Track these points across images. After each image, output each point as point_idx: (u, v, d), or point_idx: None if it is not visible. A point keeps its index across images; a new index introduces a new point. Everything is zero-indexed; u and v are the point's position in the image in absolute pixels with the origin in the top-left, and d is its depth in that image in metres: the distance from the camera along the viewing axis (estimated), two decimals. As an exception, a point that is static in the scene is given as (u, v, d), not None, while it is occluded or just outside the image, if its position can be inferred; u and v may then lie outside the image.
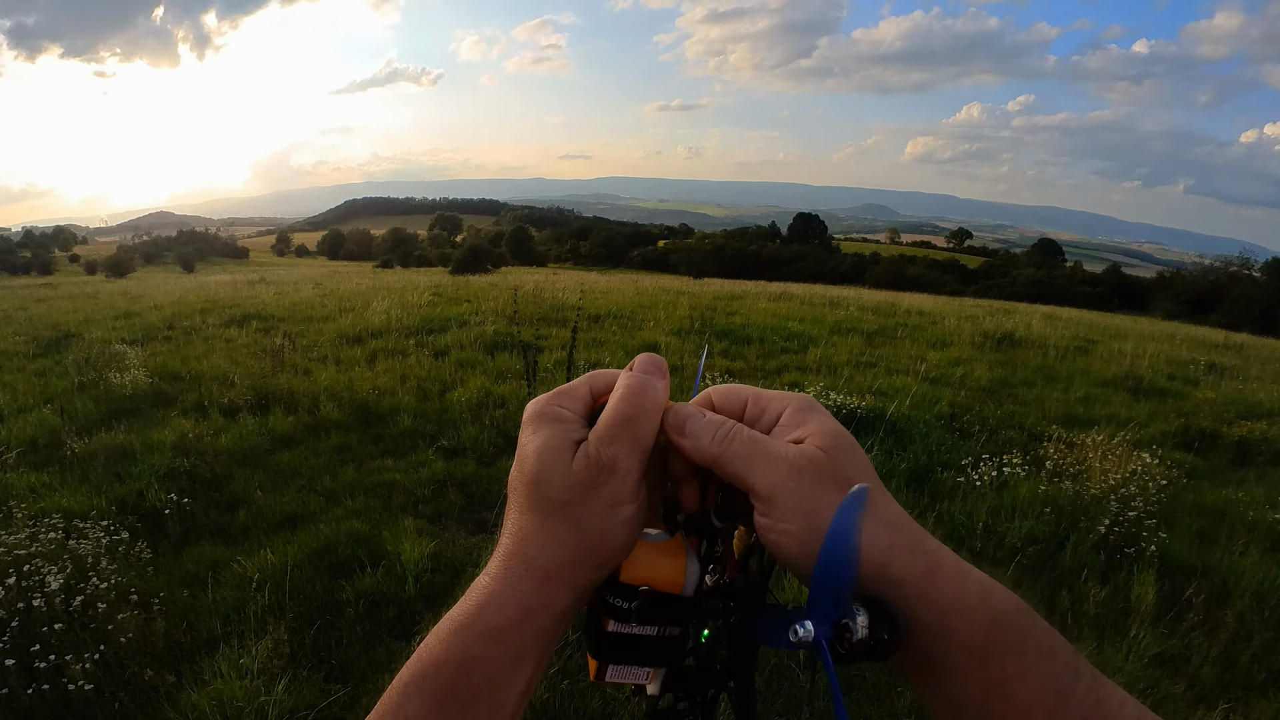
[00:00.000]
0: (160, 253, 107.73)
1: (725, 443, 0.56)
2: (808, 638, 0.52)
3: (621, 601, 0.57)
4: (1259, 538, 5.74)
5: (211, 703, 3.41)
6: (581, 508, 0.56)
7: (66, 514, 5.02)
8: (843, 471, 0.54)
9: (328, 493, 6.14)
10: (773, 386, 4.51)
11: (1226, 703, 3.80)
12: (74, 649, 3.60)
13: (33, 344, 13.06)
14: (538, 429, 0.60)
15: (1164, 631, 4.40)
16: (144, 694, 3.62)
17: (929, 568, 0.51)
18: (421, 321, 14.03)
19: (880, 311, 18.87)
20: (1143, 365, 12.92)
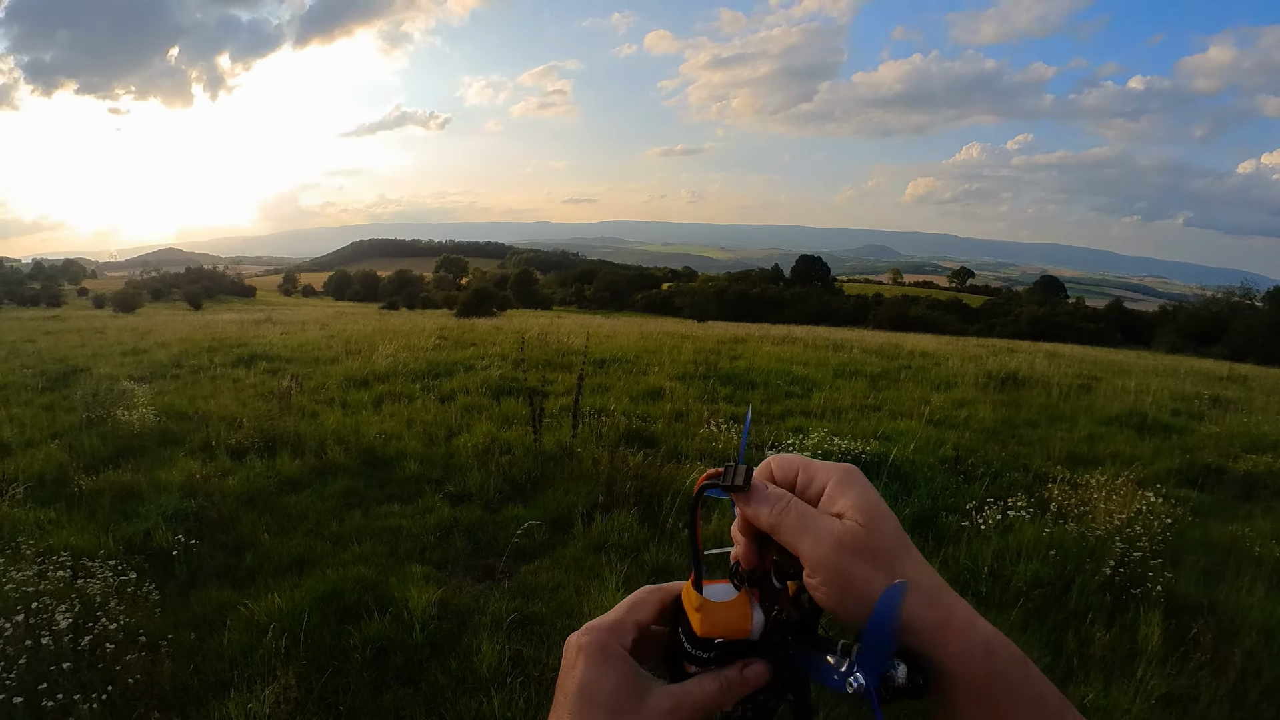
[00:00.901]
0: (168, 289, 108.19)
1: (781, 515, 0.64)
2: (860, 689, 0.62)
3: (702, 653, 0.66)
4: (1266, 573, 5.72)
5: (220, 748, 3.42)
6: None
7: (74, 552, 5.07)
8: (878, 544, 0.64)
9: (334, 537, 6.16)
10: (777, 431, 4.58)
11: (1236, 741, 3.78)
12: (81, 689, 3.61)
13: (40, 377, 13.15)
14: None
15: (1171, 671, 4.38)
16: (152, 737, 3.63)
17: (942, 620, 0.61)
18: (428, 365, 14.10)
19: (884, 354, 18.92)
20: (1146, 401, 12.91)
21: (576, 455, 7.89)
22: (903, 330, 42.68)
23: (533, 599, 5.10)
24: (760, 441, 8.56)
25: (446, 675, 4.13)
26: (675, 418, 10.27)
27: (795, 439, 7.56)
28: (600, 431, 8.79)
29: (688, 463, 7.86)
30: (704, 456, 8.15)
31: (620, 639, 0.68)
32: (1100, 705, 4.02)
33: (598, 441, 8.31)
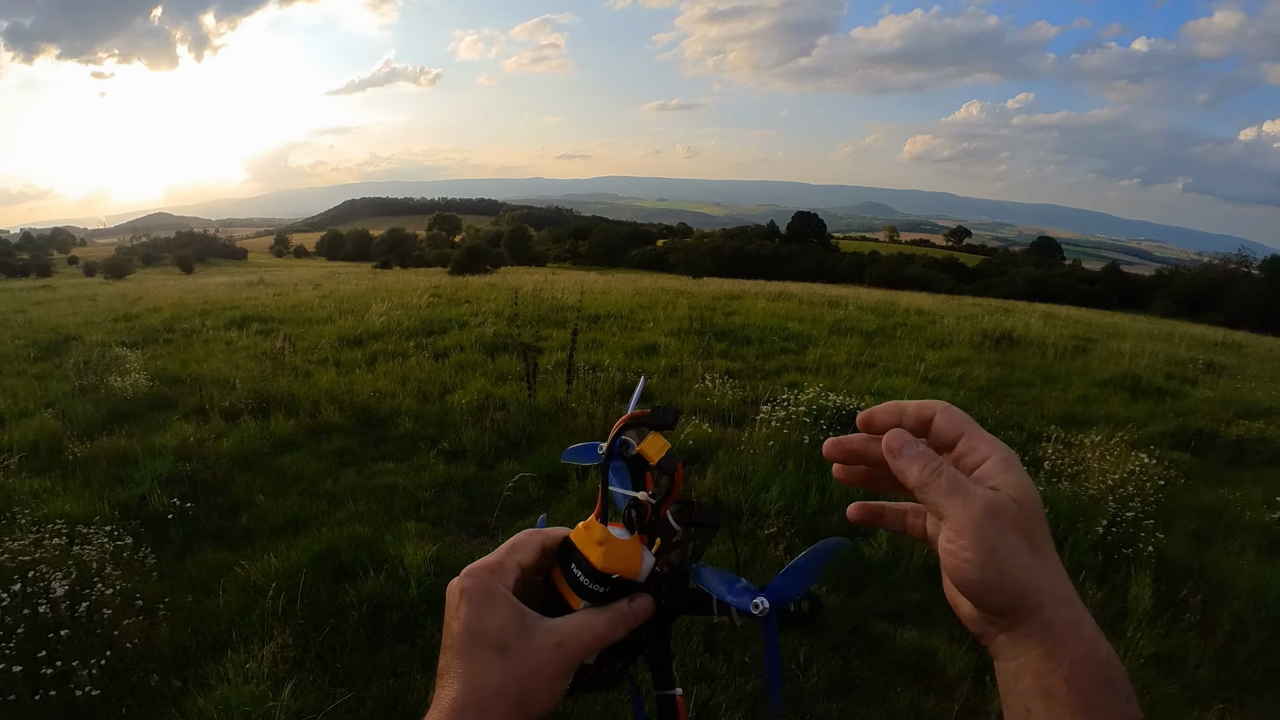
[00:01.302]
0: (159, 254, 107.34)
1: (933, 475, 0.65)
2: (764, 610, 0.71)
3: (599, 587, 0.69)
4: (1256, 538, 5.75)
5: (218, 708, 3.44)
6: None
7: (70, 519, 5.03)
8: (1027, 523, 0.63)
9: (329, 496, 6.17)
10: (773, 387, 4.54)
11: (1222, 703, 3.82)
12: (80, 655, 3.61)
13: (32, 347, 13.06)
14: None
15: (1160, 632, 4.42)
16: (150, 699, 3.64)
17: (1075, 622, 0.60)
18: (421, 323, 14.06)
19: (879, 311, 18.89)
20: (1141, 364, 12.93)
21: (571, 410, 7.90)
22: (898, 288, 42.62)
23: (528, 555, 5.10)
24: (755, 396, 8.56)
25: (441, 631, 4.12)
26: (670, 373, 10.28)
27: (790, 394, 7.54)
28: (595, 387, 8.79)
29: (682, 418, 7.84)
30: (699, 411, 8.15)
31: (502, 580, 0.69)
32: None
33: (592, 397, 8.31)
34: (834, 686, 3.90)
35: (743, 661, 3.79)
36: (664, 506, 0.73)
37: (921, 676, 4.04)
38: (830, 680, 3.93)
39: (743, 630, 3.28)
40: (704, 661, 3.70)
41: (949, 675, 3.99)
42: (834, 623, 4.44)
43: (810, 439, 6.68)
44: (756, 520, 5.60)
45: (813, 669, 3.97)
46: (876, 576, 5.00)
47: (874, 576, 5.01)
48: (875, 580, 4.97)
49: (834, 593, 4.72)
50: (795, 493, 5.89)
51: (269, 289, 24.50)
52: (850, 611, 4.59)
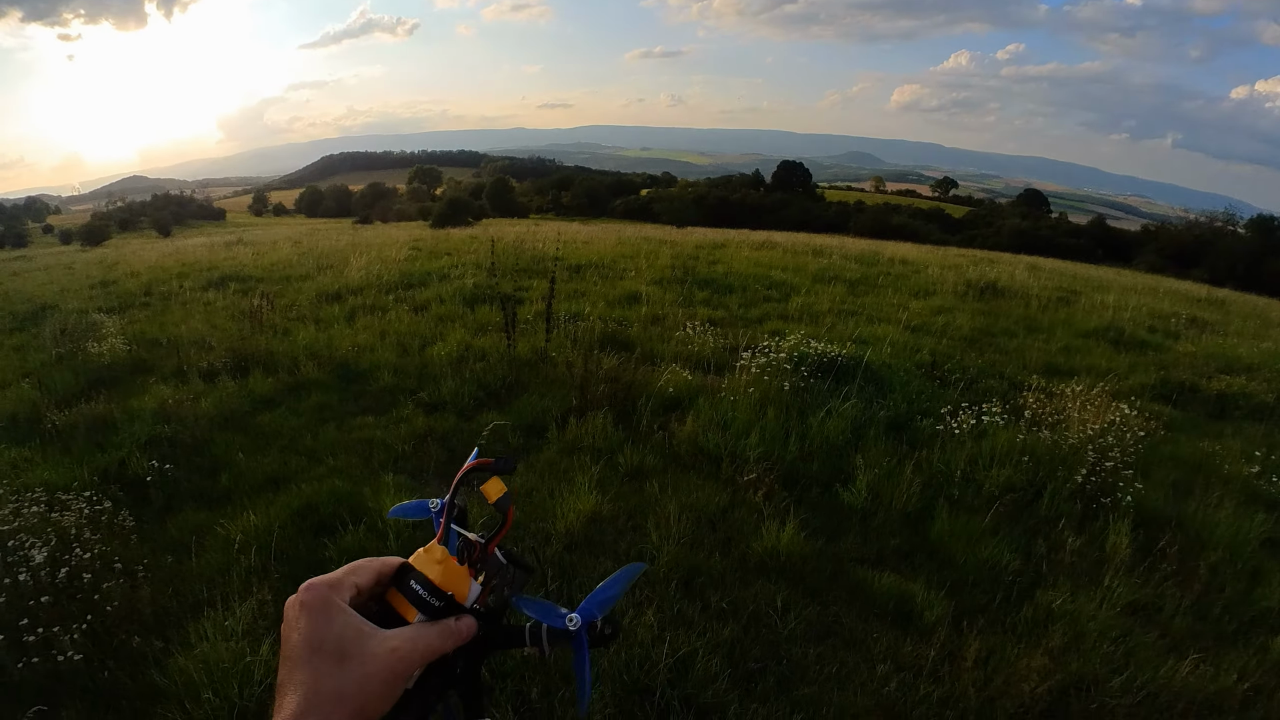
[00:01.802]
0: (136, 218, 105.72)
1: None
2: (577, 625, 0.86)
3: (435, 601, 0.81)
4: (1234, 491, 5.79)
5: (198, 666, 3.45)
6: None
7: (49, 487, 5.02)
8: None
9: (309, 452, 6.15)
10: (755, 335, 4.54)
11: (1197, 652, 3.85)
12: (61, 621, 3.62)
13: (9, 319, 12.96)
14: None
15: (1138, 581, 4.46)
16: (133, 661, 3.66)
17: None
18: (401, 277, 13.98)
19: (864, 260, 18.88)
20: (1124, 317, 12.93)
21: (551, 360, 7.88)
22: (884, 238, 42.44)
23: (506, 503, 5.11)
24: (736, 344, 8.55)
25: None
26: (652, 321, 10.26)
27: (772, 342, 7.53)
28: (575, 336, 8.75)
29: (663, 365, 7.85)
30: (680, 359, 8.14)
31: (339, 595, 0.76)
32: (1067, 611, 4.10)
33: (572, 346, 8.27)
34: (811, 631, 3.93)
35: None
36: (493, 543, 0.87)
37: (900, 621, 4.06)
38: (808, 625, 3.96)
39: (555, 662, 3.35)
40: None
41: (927, 620, 4.02)
42: (813, 568, 4.47)
43: (791, 385, 6.68)
44: (736, 467, 5.60)
45: (790, 614, 4.00)
46: (856, 522, 5.03)
47: (854, 522, 5.04)
48: (855, 526, 4.99)
49: (813, 538, 4.74)
50: (775, 439, 5.90)
51: (248, 248, 24.27)
52: (829, 557, 4.62)
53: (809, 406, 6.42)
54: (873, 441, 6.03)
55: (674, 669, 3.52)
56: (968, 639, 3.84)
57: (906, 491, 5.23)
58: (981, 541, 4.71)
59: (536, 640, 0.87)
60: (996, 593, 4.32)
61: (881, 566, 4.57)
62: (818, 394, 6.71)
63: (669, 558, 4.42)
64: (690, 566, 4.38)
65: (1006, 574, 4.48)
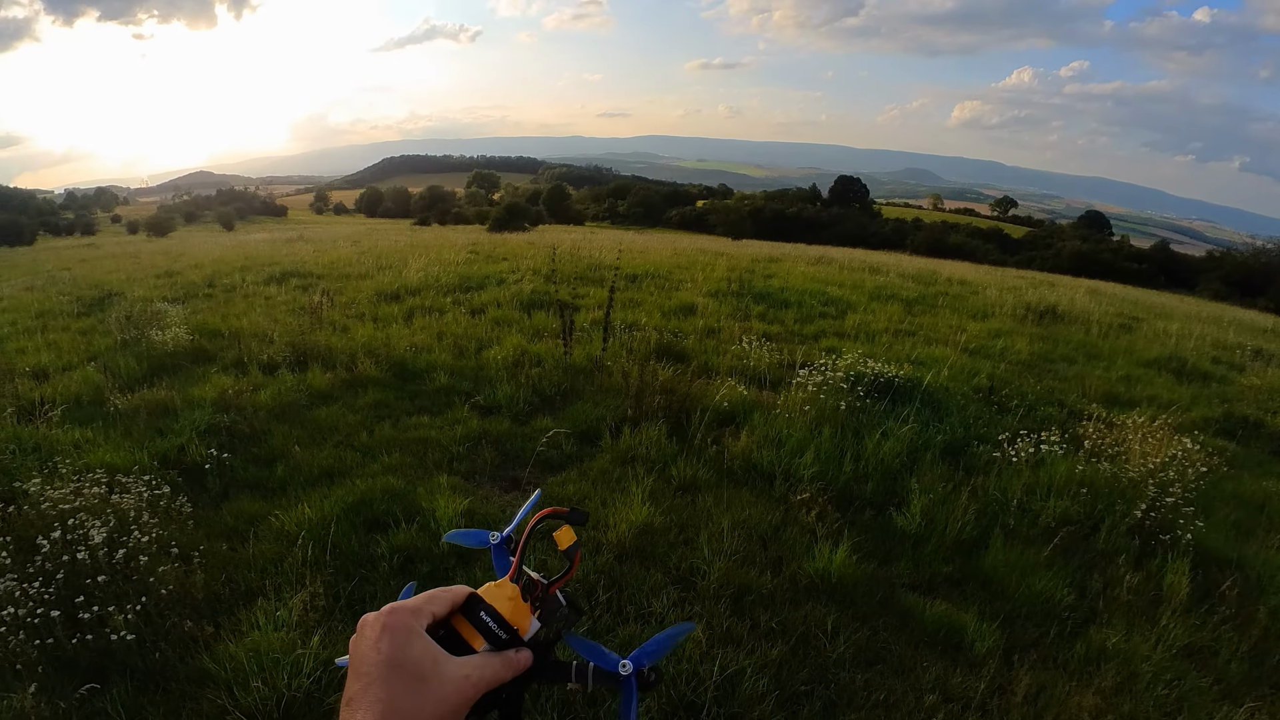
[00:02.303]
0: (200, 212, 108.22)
1: None
2: (629, 670, 0.93)
3: (503, 634, 0.87)
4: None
5: (249, 653, 3.47)
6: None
7: (109, 469, 5.11)
8: None
9: (364, 448, 6.20)
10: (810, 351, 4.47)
11: (1254, 700, 3.73)
12: (116, 600, 3.68)
13: (76, 303, 13.28)
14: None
15: (1195, 623, 4.32)
16: (183, 644, 3.70)
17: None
18: (459, 279, 14.08)
19: (920, 279, 18.62)
20: (1187, 347, 12.58)
21: (606, 369, 7.87)
22: (940, 257, 41.94)
23: (558, 510, 5.10)
24: (792, 360, 8.47)
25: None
26: (707, 334, 10.21)
27: (828, 359, 7.44)
28: (631, 346, 8.74)
29: (718, 378, 7.81)
30: (734, 373, 8.08)
31: (419, 621, 0.82)
32: (1121, 650, 3.99)
33: (628, 356, 8.26)
34: (860, 656, 3.88)
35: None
36: (556, 585, 0.95)
37: (949, 651, 3.99)
38: (857, 650, 3.90)
39: (593, 695, 3.30)
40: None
41: (977, 652, 3.93)
42: (864, 592, 4.40)
43: (847, 405, 6.58)
44: (789, 485, 5.55)
45: (839, 638, 3.94)
46: (909, 547, 4.94)
47: (906, 547, 4.95)
48: (907, 551, 4.91)
49: (865, 561, 4.68)
50: (830, 458, 5.83)
51: (308, 245, 24.67)
52: (880, 582, 4.55)
53: (864, 427, 6.33)
54: (928, 466, 5.92)
55: (721, 687, 3.49)
56: (1018, 673, 3.76)
57: (961, 518, 5.12)
58: (1036, 574, 4.60)
59: (582, 678, 0.93)
60: (1049, 627, 4.22)
61: (933, 594, 4.49)
62: (873, 415, 6.62)
63: (720, 574, 4.38)
64: (741, 584, 4.33)
65: (1060, 608, 4.37)
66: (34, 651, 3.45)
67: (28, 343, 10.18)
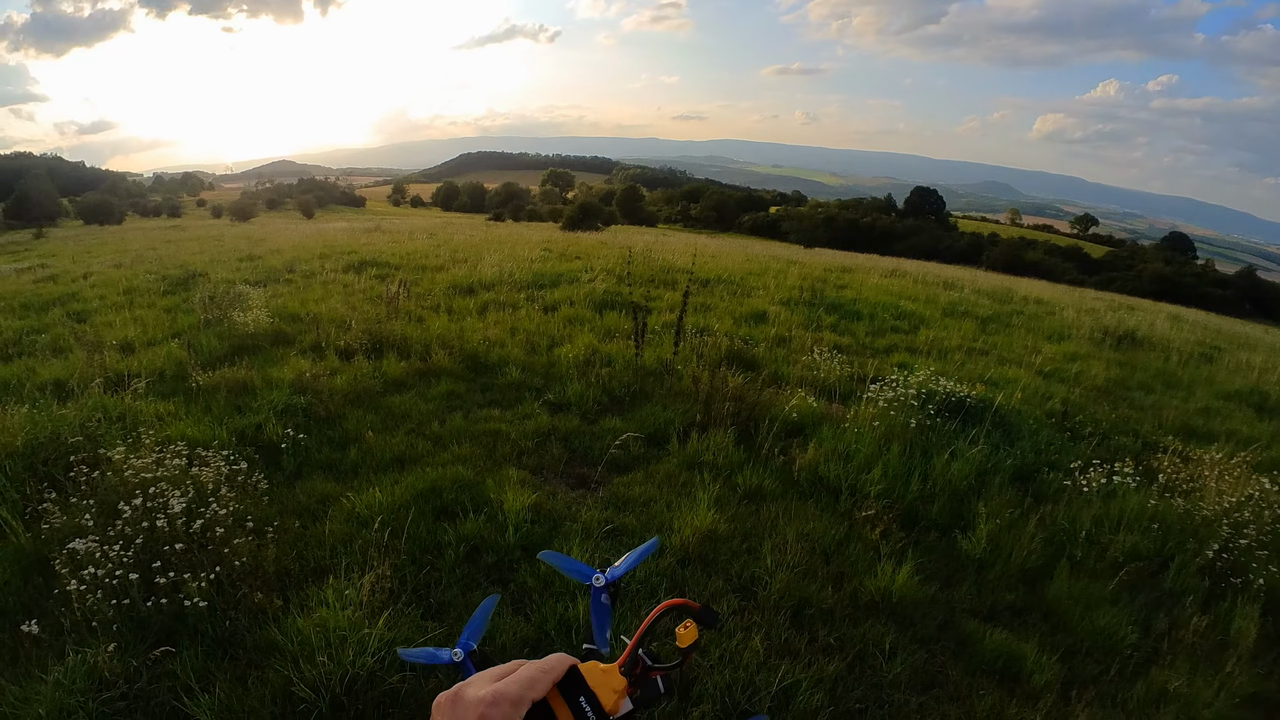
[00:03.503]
0: (281, 199, 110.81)
1: None
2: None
3: (592, 714, 0.88)
4: None
5: (316, 629, 3.55)
6: None
7: (190, 442, 5.29)
8: None
9: (435, 437, 6.30)
10: (881, 366, 4.42)
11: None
12: (191, 568, 3.79)
13: (162, 281, 13.74)
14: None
15: (1261, 672, 4.17)
16: (253, 615, 3.80)
17: None
18: (532, 276, 14.19)
19: (996, 296, 18.23)
20: (1271, 381, 11.96)
21: (676, 372, 7.86)
22: (1016, 274, 41.02)
23: (624, 510, 5.14)
24: (863, 374, 8.37)
25: (535, 578, 4.18)
26: (778, 342, 10.14)
27: (899, 375, 7.33)
28: (701, 350, 8.72)
29: (788, 388, 7.75)
30: (804, 384, 8.02)
31: (518, 714, 0.83)
32: (1183, 694, 3.86)
33: (698, 360, 8.25)
34: (916, 679, 3.83)
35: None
36: (657, 671, 0.99)
37: (1007, 681, 3.90)
38: (913, 673, 3.85)
39: None
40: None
41: (1036, 684, 3.85)
42: (924, 614, 4.34)
43: (917, 423, 6.49)
44: (855, 501, 5.48)
45: (896, 659, 3.89)
46: (972, 572, 4.86)
47: (969, 572, 4.86)
48: (970, 576, 4.82)
49: (927, 583, 4.61)
50: (898, 476, 5.74)
51: (385, 236, 25.06)
52: (941, 605, 4.48)
53: (933, 446, 6.22)
54: (996, 490, 5.80)
55: (776, 697, 3.48)
56: (1075, 709, 3.67)
57: (1027, 546, 5.00)
58: (1100, 608, 4.48)
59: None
60: (1110, 664, 4.11)
61: (994, 621, 4.40)
62: (943, 434, 6.50)
63: (781, 585, 4.36)
64: (801, 597, 4.30)
65: (1123, 646, 4.24)
66: (110, 610, 3.57)
67: (115, 317, 10.55)
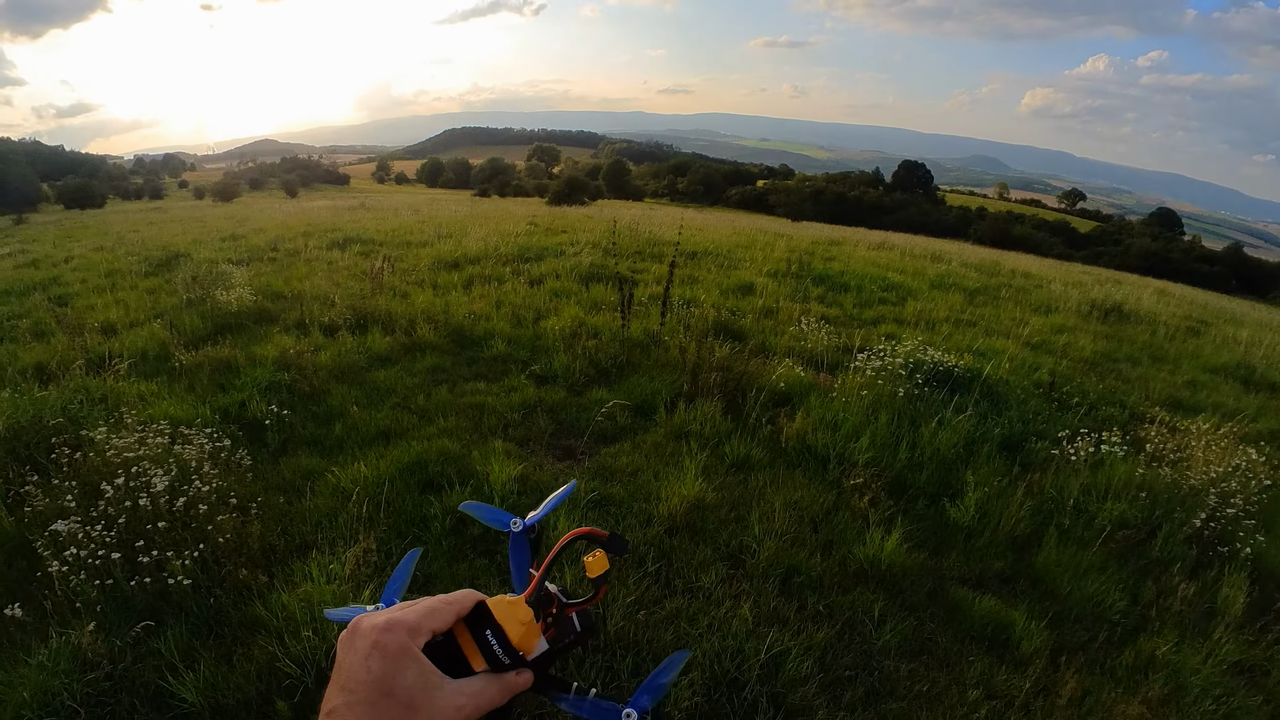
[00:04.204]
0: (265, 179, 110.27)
1: None
2: (643, 711, 0.90)
3: (507, 659, 0.84)
4: None
5: (300, 603, 3.53)
6: None
7: (173, 421, 5.24)
8: None
9: (421, 411, 6.27)
10: (869, 336, 4.39)
11: (1305, 723, 3.59)
12: (175, 546, 3.76)
13: (144, 263, 13.66)
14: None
15: (1248, 639, 4.18)
16: (238, 592, 3.78)
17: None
18: (518, 250, 14.15)
19: (983, 270, 18.30)
20: (1257, 355, 12.01)
21: (663, 344, 7.84)
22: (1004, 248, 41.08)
23: (611, 481, 5.12)
24: (850, 345, 8.37)
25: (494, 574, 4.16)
26: (765, 314, 10.13)
27: (887, 345, 7.33)
28: (688, 322, 8.70)
29: (775, 358, 7.74)
30: (792, 354, 8.00)
31: (416, 641, 0.78)
32: (1170, 661, 3.88)
33: (685, 332, 8.23)
34: (906, 646, 3.83)
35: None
36: (573, 609, 0.91)
37: (996, 648, 3.91)
38: (903, 640, 3.86)
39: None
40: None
41: (1024, 651, 3.86)
42: (913, 582, 4.35)
43: (905, 392, 6.49)
44: (843, 469, 5.48)
45: (886, 626, 3.89)
46: (961, 540, 4.86)
47: (958, 540, 4.87)
48: (959, 544, 4.83)
49: (915, 551, 4.61)
50: (885, 445, 5.75)
51: (370, 213, 24.95)
52: (930, 572, 4.48)
53: (921, 415, 6.23)
54: (985, 459, 5.81)
55: (765, 665, 3.47)
56: (1064, 675, 3.68)
57: (1015, 514, 5.01)
58: (1088, 576, 4.50)
59: (579, 708, 0.91)
60: (1098, 632, 4.12)
61: (983, 589, 4.41)
62: (931, 404, 6.50)
63: (769, 554, 4.35)
64: (790, 565, 4.30)
65: (1111, 613, 4.26)
66: (94, 591, 3.55)
67: (97, 299, 10.49)
